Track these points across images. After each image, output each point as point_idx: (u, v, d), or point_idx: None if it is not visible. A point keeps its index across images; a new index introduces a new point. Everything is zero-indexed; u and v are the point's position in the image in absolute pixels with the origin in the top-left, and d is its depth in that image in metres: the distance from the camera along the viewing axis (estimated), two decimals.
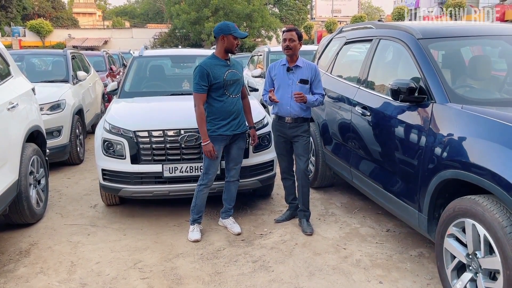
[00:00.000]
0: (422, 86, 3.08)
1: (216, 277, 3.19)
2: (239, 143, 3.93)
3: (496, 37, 3.52)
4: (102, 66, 12.17)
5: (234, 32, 3.72)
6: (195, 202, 3.90)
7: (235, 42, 3.74)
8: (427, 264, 3.32)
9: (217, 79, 3.70)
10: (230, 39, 3.71)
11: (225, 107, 3.77)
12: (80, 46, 35.82)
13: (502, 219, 2.28)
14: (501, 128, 2.41)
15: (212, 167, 3.82)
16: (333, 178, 4.98)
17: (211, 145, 3.72)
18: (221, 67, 3.75)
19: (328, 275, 3.19)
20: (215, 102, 3.76)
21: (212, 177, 3.87)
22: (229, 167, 3.96)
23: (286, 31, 3.91)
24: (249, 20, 36.72)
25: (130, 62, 5.59)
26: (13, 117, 3.87)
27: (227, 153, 3.95)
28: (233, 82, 3.80)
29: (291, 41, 3.81)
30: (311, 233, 3.89)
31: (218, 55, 3.79)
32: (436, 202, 2.87)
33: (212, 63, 3.74)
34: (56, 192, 5.15)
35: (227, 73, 3.76)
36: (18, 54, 7.65)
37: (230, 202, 4.03)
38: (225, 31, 3.71)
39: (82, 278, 3.20)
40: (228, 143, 3.88)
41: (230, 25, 3.75)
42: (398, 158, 3.26)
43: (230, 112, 3.79)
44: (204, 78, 3.67)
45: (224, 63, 3.79)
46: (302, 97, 3.72)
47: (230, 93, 3.79)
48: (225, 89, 3.75)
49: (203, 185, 3.85)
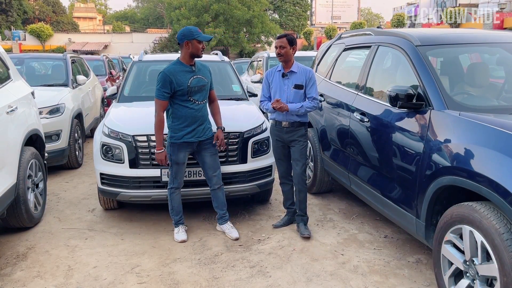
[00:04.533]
0: (420, 93, 3.09)
1: (213, 282, 3.18)
2: (209, 149, 3.88)
3: (494, 45, 3.54)
4: (102, 70, 12.19)
5: (198, 36, 3.68)
6: (171, 205, 3.92)
7: (200, 46, 3.70)
8: (424, 270, 3.32)
9: (180, 86, 3.66)
10: (195, 44, 3.68)
11: (190, 114, 3.73)
12: (80, 50, 35.91)
13: (499, 226, 2.28)
14: (498, 135, 2.41)
15: (179, 173, 3.83)
16: (331, 184, 4.99)
17: (164, 154, 3.72)
18: (186, 73, 3.71)
19: (326, 281, 3.19)
20: (180, 108, 3.72)
21: (181, 180, 3.88)
22: (209, 176, 3.92)
23: (277, 38, 3.94)
24: (249, 26, 36.88)
25: (129, 67, 5.61)
26: (12, 121, 3.87)
27: (202, 163, 3.91)
28: (199, 88, 3.76)
29: (282, 48, 3.84)
30: (308, 236, 3.89)
31: (183, 61, 3.74)
32: (433, 209, 2.87)
33: (176, 69, 3.70)
34: (54, 196, 5.14)
35: (191, 80, 3.71)
36: (18, 58, 7.67)
37: (222, 208, 4.02)
38: (188, 36, 3.67)
39: (79, 283, 3.19)
40: (196, 151, 3.86)
41: (193, 30, 3.71)
42: (396, 164, 3.26)
43: (195, 119, 3.75)
44: (167, 85, 3.63)
45: (189, 69, 3.74)
46: (280, 107, 3.76)
47: (196, 100, 3.74)
48: (190, 96, 3.71)
49: (173, 188, 3.87)
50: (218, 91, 5.45)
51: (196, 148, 3.84)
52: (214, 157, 3.91)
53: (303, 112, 3.89)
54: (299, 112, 3.86)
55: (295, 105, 3.84)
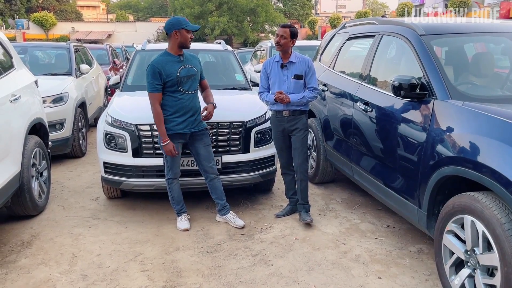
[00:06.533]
0: (424, 83, 3.08)
1: (215, 270, 3.21)
2: (203, 140, 3.86)
3: (499, 34, 3.51)
4: (105, 59, 12.18)
5: (186, 25, 3.65)
6: (171, 195, 3.94)
7: (189, 36, 3.67)
8: (426, 260, 3.33)
9: (170, 77, 3.64)
10: (183, 34, 3.64)
11: (181, 104, 3.71)
12: (84, 39, 35.84)
13: (501, 216, 2.28)
14: (501, 125, 2.40)
15: (175, 163, 3.83)
16: (334, 174, 4.99)
17: (172, 144, 3.69)
18: (174, 64, 3.68)
19: (327, 269, 3.21)
20: (170, 99, 3.70)
21: (178, 170, 3.88)
22: (204, 167, 3.91)
23: (281, 27, 3.89)
24: (253, 15, 36.69)
25: (132, 56, 5.59)
26: (16, 110, 3.89)
27: (196, 154, 3.89)
28: (188, 78, 3.73)
29: (282, 38, 3.80)
30: (310, 221, 3.91)
31: (171, 51, 3.72)
32: (435, 199, 2.87)
33: (164, 60, 3.67)
34: (58, 185, 5.17)
35: (180, 69, 3.69)
36: (21, 46, 7.66)
37: (222, 198, 4.01)
38: (176, 26, 3.64)
39: (83, 270, 3.22)
40: (189, 142, 3.84)
41: (181, 19, 3.69)
42: (398, 154, 3.26)
43: (187, 109, 3.73)
44: (157, 77, 3.61)
45: (177, 59, 3.72)
46: (282, 98, 3.74)
47: (186, 90, 3.72)
48: (180, 86, 3.68)
49: (171, 178, 3.88)
50: (221, 80, 5.48)
51: (188, 139, 3.83)
52: (208, 147, 3.90)
53: (305, 102, 3.89)
54: (300, 102, 3.86)
55: (296, 95, 3.83)
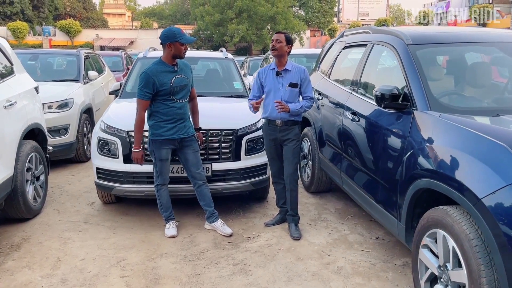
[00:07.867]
0: (407, 93, 3.03)
1: (194, 278, 3.20)
2: (192, 146, 3.89)
3: (488, 44, 3.42)
4: (120, 66, 12.41)
5: (180, 38, 3.66)
6: (160, 202, 3.95)
7: (183, 48, 3.69)
8: (409, 274, 3.24)
9: (163, 86, 3.66)
10: (177, 46, 3.66)
11: (172, 111, 3.74)
12: (107, 46, 36.64)
13: (470, 231, 2.21)
14: (472, 137, 2.34)
15: (164, 169, 3.85)
16: (329, 183, 4.94)
17: (141, 154, 3.76)
18: (168, 74, 3.71)
19: (306, 281, 3.16)
20: (161, 106, 3.73)
21: (167, 176, 3.90)
22: (192, 173, 3.91)
23: (276, 33, 3.92)
24: (273, 23, 36.77)
25: (134, 63, 5.68)
26: (10, 115, 3.98)
27: (185, 160, 3.90)
28: (181, 88, 3.76)
29: (278, 42, 3.80)
30: (298, 238, 3.86)
31: (165, 61, 3.73)
32: (414, 211, 2.81)
33: (159, 69, 3.69)
34: (58, 189, 5.27)
35: (174, 79, 3.71)
36: (33, 53, 7.87)
37: (210, 204, 4.01)
38: (170, 38, 3.65)
39: (64, 274, 3.26)
40: (178, 148, 3.86)
41: (176, 32, 3.69)
42: (381, 166, 3.21)
43: (178, 116, 3.77)
44: (149, 86, 3.63)
45: (172, 68, 3.74)
46: (283, 107, 3.71)
47: (178, 99, 3.75)
48: (172, 95, 3.72)
49: (160, 184, 3.90)
50: (219, 88, 5.53)
51: (178, 145, 3.85)
52: (196, 154, 3.92)
53: (302, 111, 3.87)
54: (298, 112, 3.84)
55: (295, 105, 3.81)
